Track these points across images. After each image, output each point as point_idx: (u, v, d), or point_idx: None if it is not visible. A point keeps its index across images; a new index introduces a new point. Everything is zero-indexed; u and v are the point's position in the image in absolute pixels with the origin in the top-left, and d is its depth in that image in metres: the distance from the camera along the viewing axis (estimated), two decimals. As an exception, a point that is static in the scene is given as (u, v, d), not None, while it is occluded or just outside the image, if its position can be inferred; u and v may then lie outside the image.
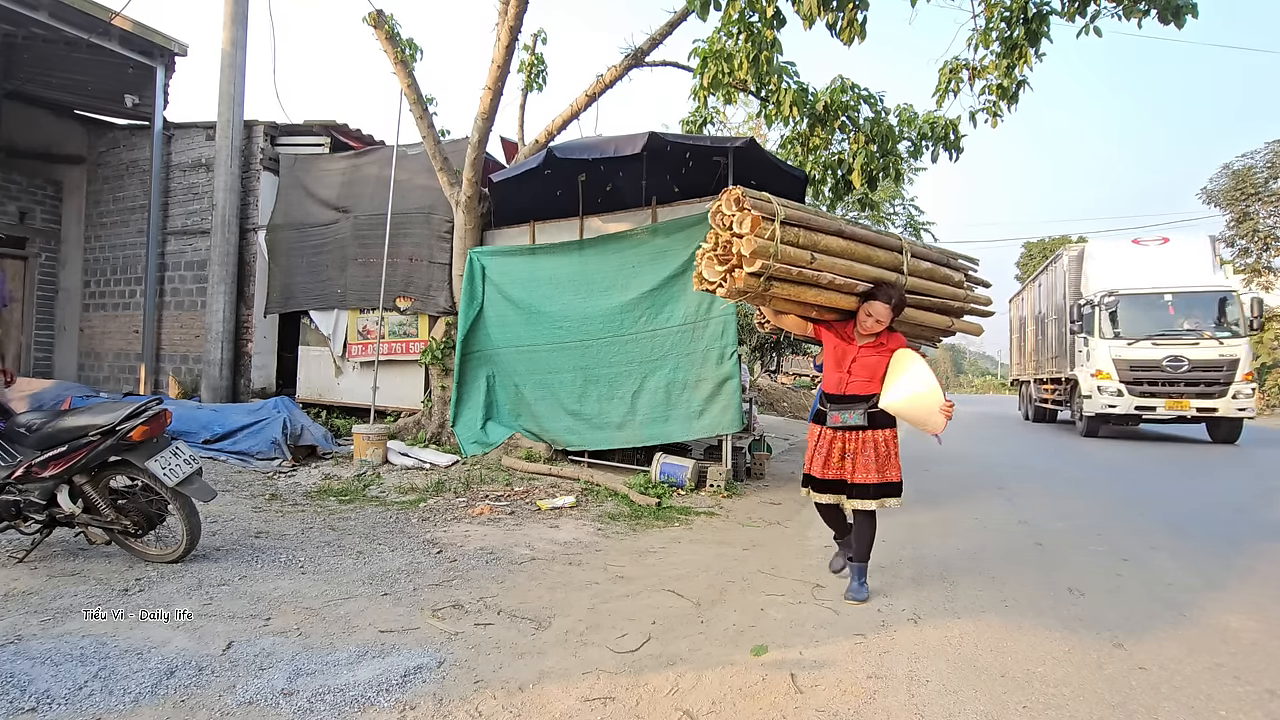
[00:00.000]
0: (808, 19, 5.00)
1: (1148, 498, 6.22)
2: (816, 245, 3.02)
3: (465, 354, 6.99)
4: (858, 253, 3.20)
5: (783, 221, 2.93)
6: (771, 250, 2.86)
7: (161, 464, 3.34)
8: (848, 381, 3.23)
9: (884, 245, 3.36)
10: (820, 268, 3.04)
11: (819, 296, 3.12)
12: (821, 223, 3.10)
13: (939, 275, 3.59)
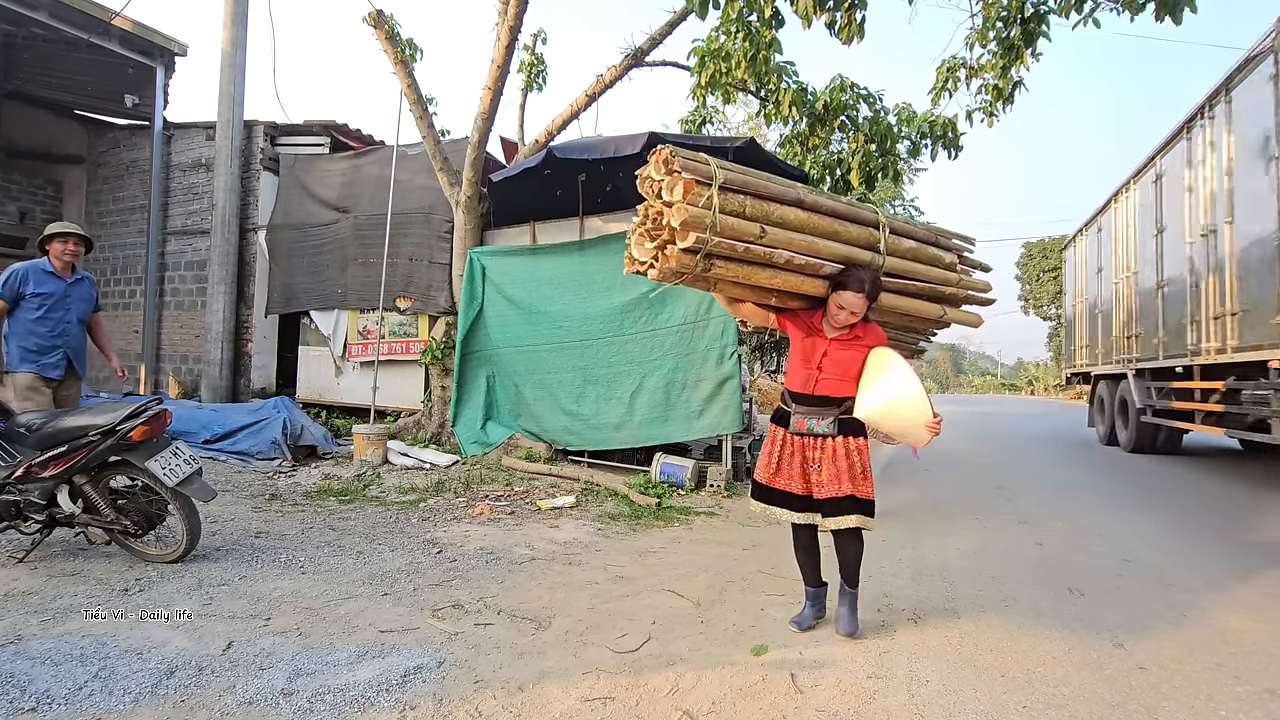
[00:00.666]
0: (805, 18, 5.00)
1: None
2: (769, 217, 2.52)
3: (465, 354, 6.99)
4: (822, 227, 2.67)
5: (723, 186, 2.42)
6: (708, 221, 2.36)
7: (161, 464, 3.34)
8: (817, 380, 2.75)
9: (856, 219, 2.82)
10: (774, 244, 2.52)
11: (775, 279, 2.60)
12: (774, 190, 2.57)
13: (926, 256, 3.05)
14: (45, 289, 4.21)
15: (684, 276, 2.55)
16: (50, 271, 4.24)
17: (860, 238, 2.80)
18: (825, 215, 2.71)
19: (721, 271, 2.52)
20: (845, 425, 2.73)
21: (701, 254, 2.42)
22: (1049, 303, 43.27)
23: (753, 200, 2.52)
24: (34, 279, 4.19)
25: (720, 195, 2.41)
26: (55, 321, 4.24)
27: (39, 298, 4.19)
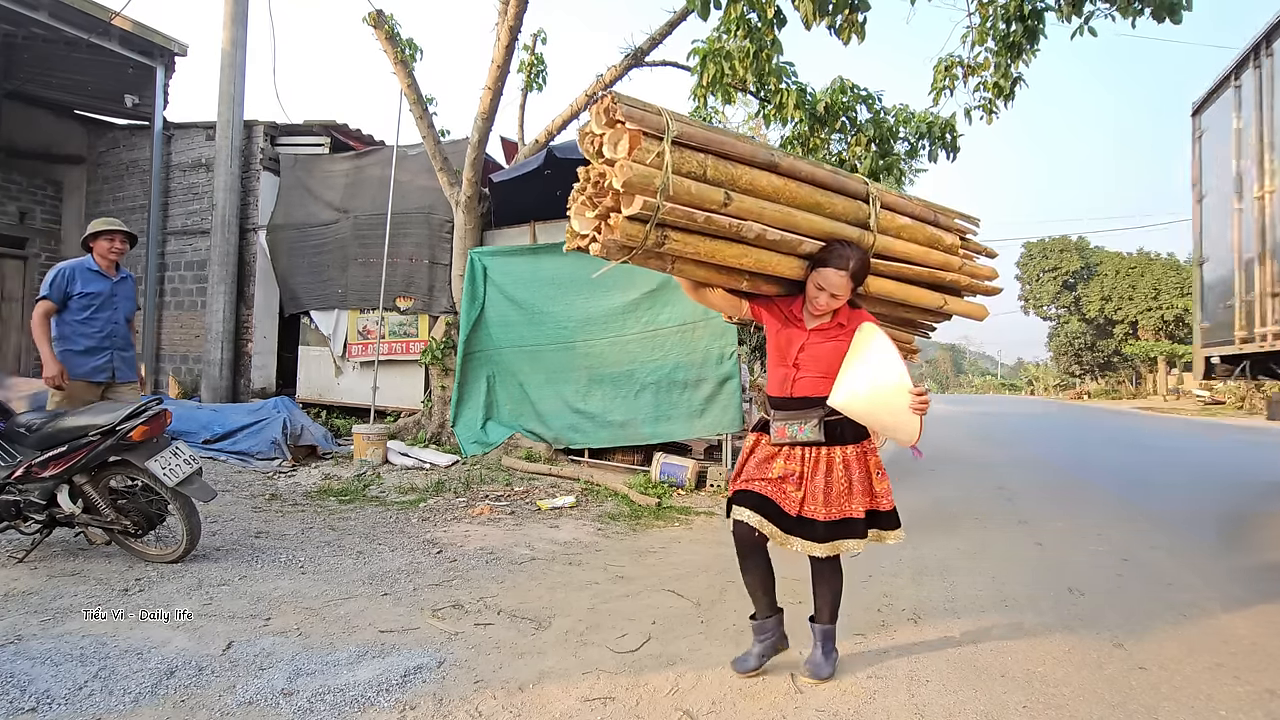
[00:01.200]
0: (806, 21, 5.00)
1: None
2: (735, 182, 2.13)
3: (467, 354, 6.99)
4: (800, 197, 2.28)
5: (678, 142, 2.01)
6: (658, 182, 1.94)
7: (161, 464, 3.34)
8: (794, 379, 2.34)
9: (842, 190, 2.41)
10: (742, 214, 2.13)
11: (745, 257, 2.20)
12: (743, 150, 2.18)
13: (923, 236, 2.64)
14: (92, 288, 4.07)
15: (634, 253, 2.09)
16: (96, 270, 4.10)
17: (847, 211, 2.40)
18: (805, 183, 2.31)
19: (678, 246, 2.08)
20: (836, 430, 2.30)
21: (651, 223, 1.99)
22: (1049, 302, 43.36)
23: (716, 161, 2.10)
24: (80, 278, 4.04)
25: (675, 152, 1.99)
26: (103, 322, 4.10)
27: (86, 298, 4.04)
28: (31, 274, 10.21)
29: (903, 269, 2.57)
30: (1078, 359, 42.26)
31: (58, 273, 4.01)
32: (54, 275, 4.00)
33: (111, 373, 4.17)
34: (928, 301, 2.71)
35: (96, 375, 4.11)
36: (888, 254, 2.52)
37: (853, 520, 2.27)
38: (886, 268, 2.52)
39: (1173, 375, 35.56)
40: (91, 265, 4.11)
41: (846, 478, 2.30)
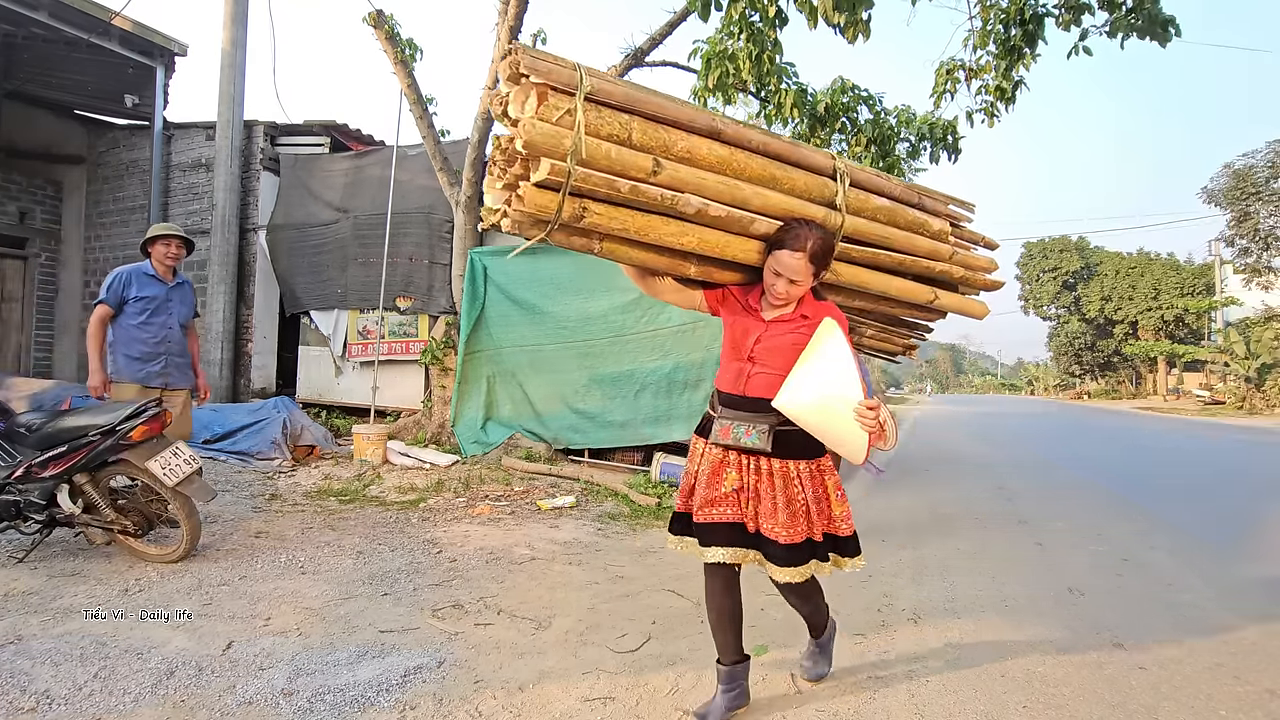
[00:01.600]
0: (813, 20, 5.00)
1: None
2: (669, 149, 1.86)
3: (467, 354, 6.99)
4: (752, 170, 2.00)
5: (598, 101, 1.78)
6: (568, 144, 1.69)
7: (161, 464, 3.34)
8: (749, 375, 2.06)
9: (803, 163, 2.13)
10: (676, 185, 1.85)
11: (686, 236, 1.93)
12: (677, 112, 1.90)
13: (905, 220, 2.34)
14: (148, 293, 4.05)
15: (550, 228, 1.82)
16: (152, 275, 4.10)
17: (809, 188, 2.11)
18: (757, 154, 2.03)
19: (601, 221, 1.82)
20: (788, 441, 2.01)
21: (564, 192, 1.74)
22: (1049, 302, 43.38)
23: (644, 124, 1.84)
24: (137, 283, 4.03)
25: (593, 111, 1.75)
26: (158, 327, 4.08)
27: (142, 302, 4.02)
28: (31, 274, 10.21)
29: (880, 256, 2.26)
30: (1078, 359, 42.28)
31: (115, 277, 4.01)
32: (111, 279, 4.00)
33: (166, 379, 4.13)
34: (914, 295, 2.40)
35: (152, 381, 4.07)
36: (861, 238, 2.21)
37: (813, 543, 2.04)
38: (860, 254, 2.21)
39: (1173, 375, 35.57)
40: (148, 270, 4.10)
41: (802, 496, 2.02)
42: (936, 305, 2.51)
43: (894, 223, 2.31)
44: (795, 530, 2.00)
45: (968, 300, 2.62)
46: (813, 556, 2.04)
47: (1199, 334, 34.25)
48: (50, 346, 10.44)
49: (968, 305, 2.62)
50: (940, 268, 2.44)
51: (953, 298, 2.55)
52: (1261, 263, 25.59)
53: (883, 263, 2.30)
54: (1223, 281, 31.37)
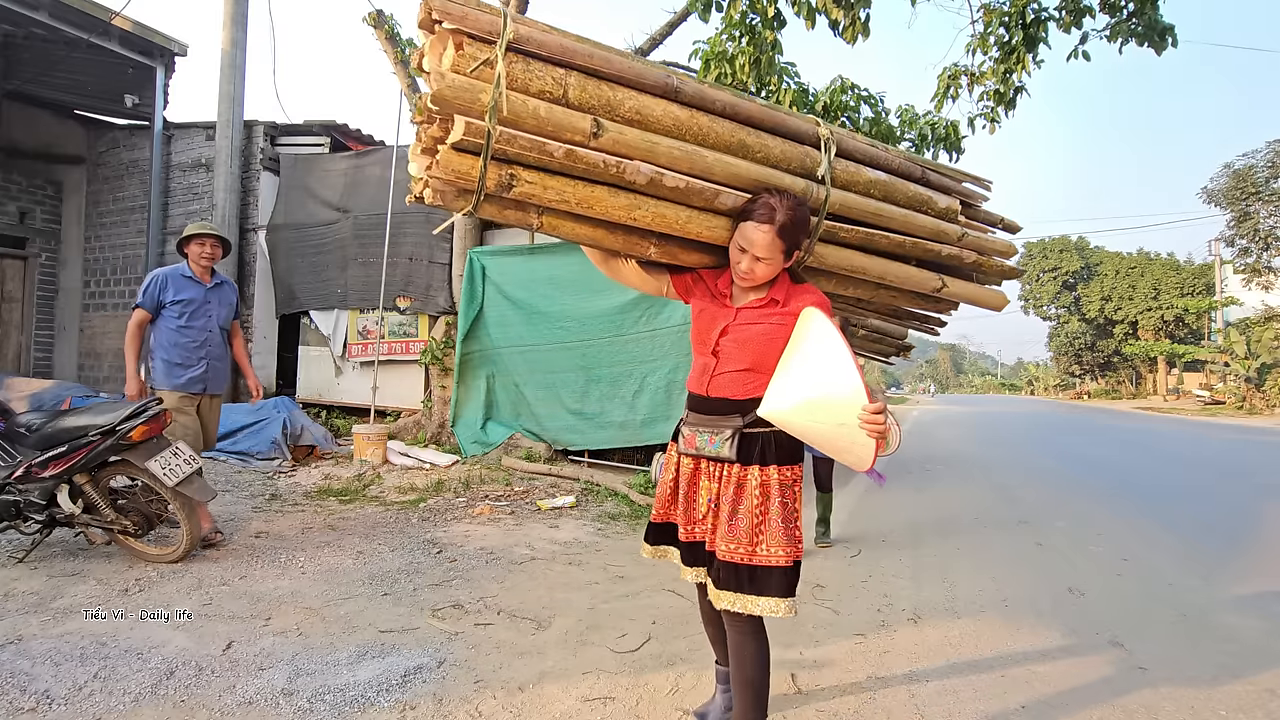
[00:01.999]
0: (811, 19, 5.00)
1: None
2: (615, 109, 1.61)
3: (465, 354, 6.99)
4: (717, 135, 1.72)
5: (525, 52, 1.53)
6: (486, 100, 1.46)
7: (161, 464, 3.34)
8: (713, 372, 1.81)
9: (780, 129, 1.84)
10: (622, 150, 1.60)
11: (638, 210, 1.66)
12: (624, 67, 1.63)
13: (904, 196, 2.04)
14: (185, 295, 3.92)
15: (477, 199, 1.57)
16: (189, 276, 3.97)
17: (787, 157, 1.81)
18: (724, 118, 1.74)
19: (535, 191, 1.57)
20: (754, 446, 1.74)
21: (485, 155, 1.50)
22: (1049, 302, 43.40)
23: (583, 79, 1.58)
24: (174, 285, 3.90)
25: (520, 63, 1.51)
26: (198, 330, 3.93)
27: (179, 305, 3.88)
28: (31, 274, 10.21)
29: (874, 237, 1.95)
30: (1078, 359, 42.31)
31: (151, 279, 3.89)
32: (148, 282, 3.89)
33: (206, 384, 3.98)
34: (917, 282, 2.10)
35: (192, 386, 3.92)
36: (850, 216, 1.91)
37: (767, 570, 1.69)
38: (849, 234, 1.91)
39: (1173, 375, 35.58)
40: (185, 271, 3.98)
41: (762, 509, 1.71)
42: (945, 294, 2.18)
43: (890, 199, 2.00)
44: (734, 550, 1.71)
45: (983, 289, 2.28)
46: (762, 589, 1.69)
47: (1199, 334, 34.28)
48: (50, 346, 10.44)
49: (983, 295, 2.27)
50: (948, 251, 2.11)
51: (965, 286, 2.22)
52: (1261, 263, 25.61)
53: (878, 245, 1.99)
54: (1223, 281, 31.40)
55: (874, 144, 2.07)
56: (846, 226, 1.92)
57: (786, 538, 1.69)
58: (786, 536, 1.69)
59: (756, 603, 1.67)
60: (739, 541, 1.71)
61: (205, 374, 3.97)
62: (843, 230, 1.92)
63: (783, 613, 1.67)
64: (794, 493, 1.74)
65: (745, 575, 1.69)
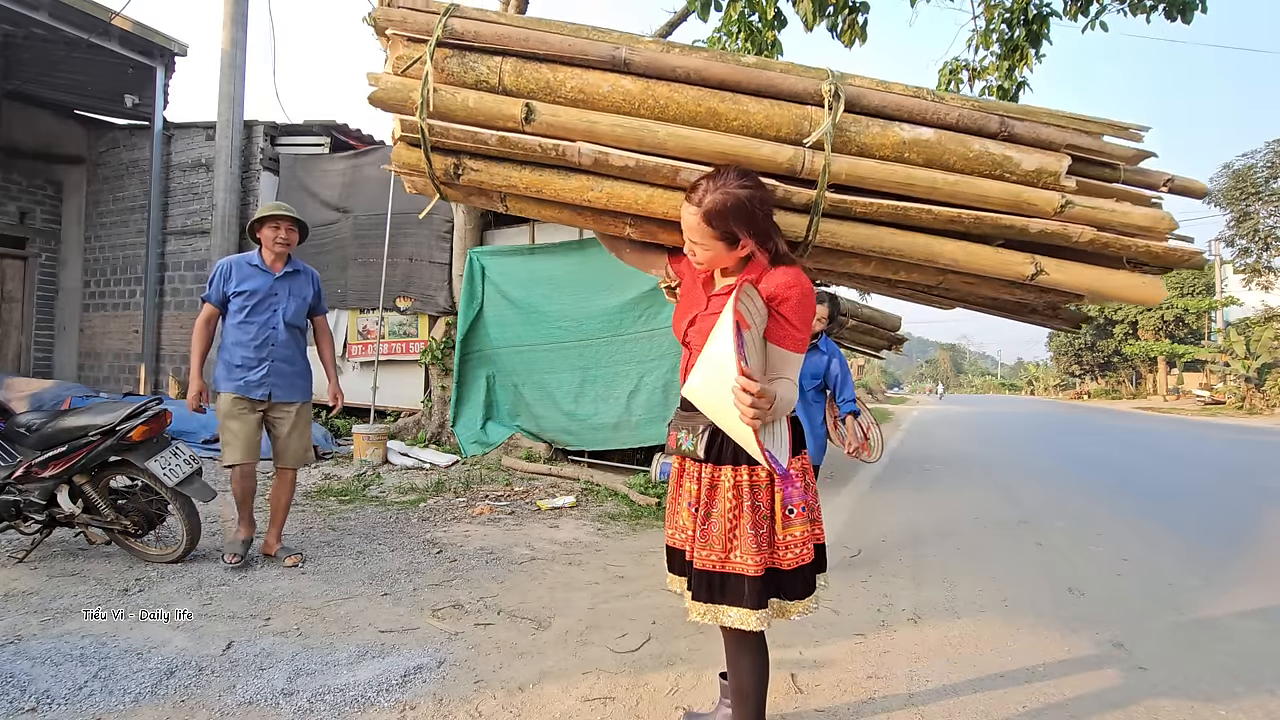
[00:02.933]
0: (807, 22, 5.01)
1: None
2: (555, 91, 1.60)
3: (465, 354, 6.99)
4: (677, 106, 1.59)
5: (463, 45, 1.62)
6: (416, 96, 1.59)
7: (161, 464, 3.34)
8: (686, 365, 1.72)
9: (767, 90, 1.61)
10: (557, 132, 1.59)
11: (592, 193, 1.64)
12: (564, 46, 1.60)
13: (961, 158, 1.61)
14: (248, 285, 3.44)
15: (437, 186, 1.72)
16: (257, 265, 3.49)
17: (774, 123, 1.59)
18: (688, 84, 1.60)
19: (482, 178, 1.65)
20: (729, 444, 1.63)
21: (425, 149, 1.64)
22: (1049, 303, 43.31)
23: (518, 64, 1.61)
24: (237, 274, 3.45)
25: (455, 58, 1.60)
26: (259, 327, 3.45)
27: (242, 297, 3.44)
28: (31, 274, 10.21)
29: (907, 210, 1.60)
30: (1078, 359, 42.32)
31: (217, 269, 3.51)
32: (214, 272, 3.51)
33: (268, 389, 3.46)
34: (991, 267, 1.66)
35: (251, 392, 3.43)
36: (868, 186, 1.61)
37: (738, 578, 1.60)
38: (869, 208, 1.61)
39: (1173, 375, 35.58)
40: (254, 259, 3.52)
41: (734, 513, 1.62)
42: (1048, 282, 1.66)
43: (938, 162, 1.61)
44: (707, 556, 1.63)
45: (1125, 277, 1.68)
46: (732, 599, 1.61)
47: (1199, 334, 34.28)
48: (50, 346, 10.44)
49: (1119, 284, 1.68)
50: (1040, 227, 1.60)
51: (1084, 272, 1.67)
52: (1261, 263, 25.61)
53: (920, 220, 1.62)
54: (1223, 281, 31.40)
55: (921, 93, 1.66)
56: (864, 199, 1.61)
57: (755, 545, 1.60)
58: (756, 544, 1.60)
59: (727, 613, 1.61)
60: (711, 548, 1.63)
61: (267, 377, 3.46)
62: (859, 204, 1.61)
63: (752, 625, 1.58)
64: (768, 495, 1.63)
65: (717, 584, 1.62)
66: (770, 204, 1.56)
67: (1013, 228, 1.62)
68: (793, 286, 1.54)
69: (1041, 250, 1.67)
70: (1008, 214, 1.62)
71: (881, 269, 1.76)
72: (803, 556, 1.64)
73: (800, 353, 1.59)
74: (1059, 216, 1.61)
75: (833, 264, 1.76)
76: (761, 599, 1.59)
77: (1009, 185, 1.61)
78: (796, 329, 1.56)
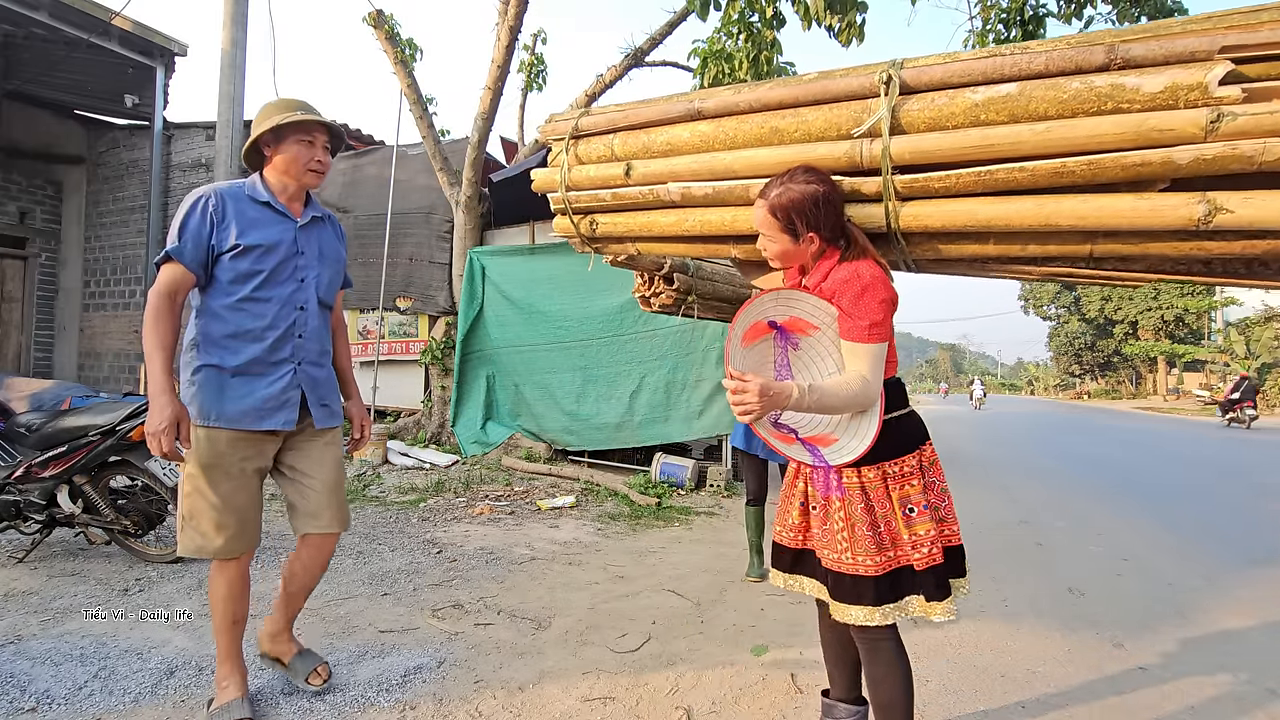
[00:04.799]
0: (807, 21, 5.01)
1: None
2: (649, 148, 1.92)
3: (465, 354, 6.99)
4: (744, 134, 1.75)
5: (585, 135, 2.06)
6: (557, 177, 2.08)
7: (161, 464, 3.34)
8: None
9: (821, 98, 1.65)
10: (650, 179, 1.89)
11: (687, 221, 1.88)
12: (656, 112, 1.91)
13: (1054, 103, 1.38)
14: (259, 237, 2.00)
15: (593, 244, 2.20)
16: (266, 202, 2.06)
17: (834, 125, 1.62)
18: (754, 114, 1.75)
19: (609, 228, 2.08)
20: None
21: (568, 214, 2.12)
22: (1049, 302, 43.39)
23: (624, 136, 1.97)
24: (236, 216, 1.99)
25: (584, 144, 2.06)
26: (279, 306, 2.04)
27: (248, 256, 1.98)
28: (31, 274, 10.21)
29: (994, 174, 1.43)
30: (1078, 359, 42.33)
31: (194, 205, 1.97)
32: (188, 211, 1.96)
33: (288, 413, 2.05)
34: (1140, 217, 1.33)
35: (267, 419, 2.01)
36: (939, 160, 1.50)
37: (856, 579, 1.59)
38: (946, 182, 1.49)
39: (1173, 375, 35.59)
40: (258, 193, 2.06)
41: (844, 511, 1.63)
42: (1226, 222, 1.27)
43: (1025, 115, 1.41)
44: (827, 554, 1.65)
45: None
46: (852, 597, 1.59)
47: (1199, 334, 34.28)
48: (50, 346, 10.44)
49: None
50: (1193, 155, 1.24)
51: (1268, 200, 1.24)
52: (1261, 263, 25.57)
53: (1015, 182, 1.43)
54: (1223, 281, 31.31)
55: (997, 51, 1.49)
56: (939, 174, 1.51)
57: (876, 545, 1.60)
58: (876, 544, 1.60)
59: (849, 611, 1.61)
60: (833, 547, 1.65)
61: (291, 392, 2.06)
62: (934, 180, 1.51)
63: (876, 620, 1.57)
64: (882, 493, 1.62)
65: (847, 583, 1.62)
66: (836, 198, 1.58)
67: (1148, 165, 1.30)
68: (849, 280, 1.55)
69: (1219, 185, 1.29)
70: (1134, 150, 1.31)
71: (1004, 246, 1.56)
72: (932, 557, 1.57)
73: (869, 343, 1.53)
74: (1216, 136, 1.24)
75: (943, 250, 1.64)
76: (882, 597, 1.57)
77: (1127, 117, 1.31)
78: (854, 317, 1.54)
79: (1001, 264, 1.73)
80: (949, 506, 1.69)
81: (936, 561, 1.58)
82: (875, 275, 1.55)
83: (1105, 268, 1.65)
